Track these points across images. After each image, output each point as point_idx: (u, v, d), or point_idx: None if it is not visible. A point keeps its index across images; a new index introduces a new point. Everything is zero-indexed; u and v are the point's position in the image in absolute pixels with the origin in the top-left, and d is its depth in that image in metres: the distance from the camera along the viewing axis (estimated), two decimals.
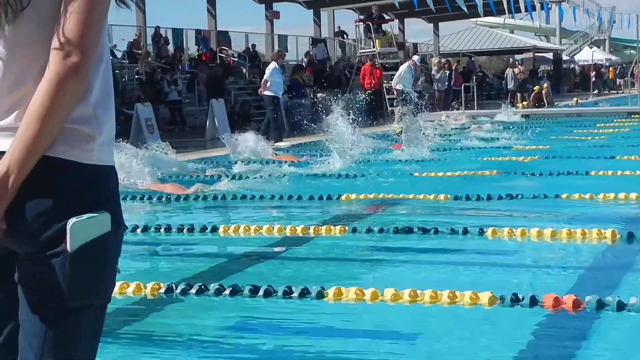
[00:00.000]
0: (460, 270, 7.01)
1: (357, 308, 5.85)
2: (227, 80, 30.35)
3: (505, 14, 50.78)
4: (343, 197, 11.11)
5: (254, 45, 37.33)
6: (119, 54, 30.06)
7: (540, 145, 18.14)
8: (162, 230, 9.04)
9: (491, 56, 66.92)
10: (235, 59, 34.97)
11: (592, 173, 12.70)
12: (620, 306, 5.47)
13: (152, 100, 23.70)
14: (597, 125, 23.85)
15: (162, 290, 6.31)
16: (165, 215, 10.52)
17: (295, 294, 6.06)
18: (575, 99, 38.95)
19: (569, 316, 5.49)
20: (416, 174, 13.55)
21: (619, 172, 12.65)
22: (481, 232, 8.23)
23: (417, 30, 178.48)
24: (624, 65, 61.59)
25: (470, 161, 15.33)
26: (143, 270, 7.43)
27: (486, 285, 6.10)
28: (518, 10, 49.43)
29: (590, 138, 19.93)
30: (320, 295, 6.02)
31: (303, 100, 27.34)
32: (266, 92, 20.69)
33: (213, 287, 6.24)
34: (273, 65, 21.16)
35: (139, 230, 9.07)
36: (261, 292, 6.10)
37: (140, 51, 30.34)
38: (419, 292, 5.92)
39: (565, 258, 7.42)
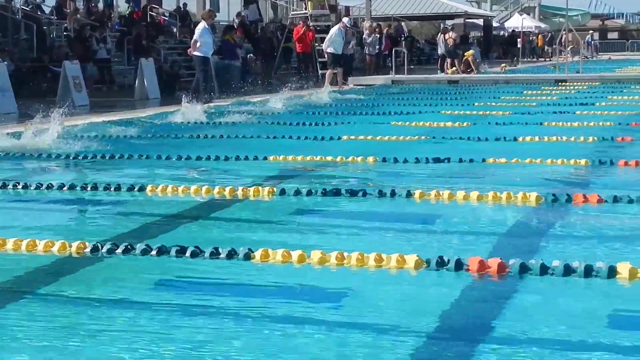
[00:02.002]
0: (388, 233, 7.04)
1: (284, 270, 5.86)
2: (157, 39, 30.02)
3: None
4: (271, 159, 11.12)
5: (185, 5, 36.93)
6: (47, 10, 29.52)
7: (468, 110, 18.29)
8: (88, 188, 8.94)
9: (423, 21, 67.09)
10: (166, 18, 34.58)
11: (520, 139, 12.85)
12: (544, 269, 5.56)
13: (80, 58, 23.34)
14: (525, 92, 24.09)
15: (88, 250, 6.25)
16: (92, 173, 10.41)
17: (223, 255, 6.05)
18: (503, 65, 39.28)
19: (494, 279, 5.55)
20: (345, 137, 13.56)
21: (546, 138, 12.82)
22: (409, 195, 8.28)
23: None
24: (553, 33, 62.22)
25: (399, 126, 15.38)
26: (69, 229, 7.36)
27: (413, 249, 6.15)
28: None
29: (518, 104, 20.14)
30: (248, 256, 6.02)
31: (234, 61, 27.15)
32: (196, 53, 20.50)
33: (139, 247, 6.20)
34: (203, 25, 20.96)
35: (65, 189, 8.97)
36: (188, 253, 6.08)
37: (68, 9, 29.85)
38: (345, 254, 5.94)
39: (491, 221, 7.48)
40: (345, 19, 29.12)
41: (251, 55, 30.45)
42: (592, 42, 63.64)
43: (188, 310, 4.96)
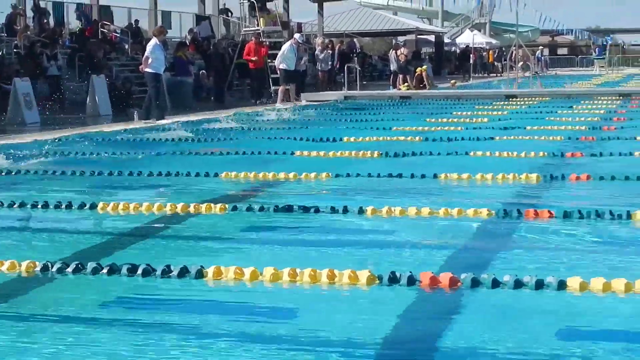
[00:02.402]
0: (340, 250, 7.04)
1: (237, 287, 5.84)
2: (108, 56, 29.86)
3: None
4: (223, 175, 11.09)
5: (137, 21, 36.79)
6: None
7: (421, 126, 18.37)
8: (39, 206, 8.86)
9: (375, 37, 67.41)
10: (118, 35, 34.41)
11: (471, 154, 12.94)
12: (495, 284, 5.60)
13: (30, 75, 23.14)
14: (476, 107, 24.26)
15: (38, 269, 6.19)
16: (42, 191, 10.31)
17: (174, 273, 6.02)
18: (452, 81, 39.53)
19: (445, 294, 5.58)
20: (298, 153, 13.56)
21: (497, 153, 12.92)
22: (361, 211, 8.31)
23: (301, 9, 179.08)
24: (504, 48, 62.81)
25: (351, 142, 15.41)
26: (18, 248, 7.27)
27: (365, 264, 6.17)
28: None
29: (469, 120, 20.27)
30: (200, 274, 5.99)
31: (186, 78, 27.09)
32: (147, 69, 20.39)
33: (90, 265, 6.15)
34: (154, 41, 20.86)
35: (15, 206, 8.88)
36: (139, 271, 6.05)
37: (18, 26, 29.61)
38: (298, 271, 5.94)
39: (443, 237, 7.52)
40: (297, 35, 29.16)
41: (203, 71, 30.37)
42: (542, 57, 64.23)
43: (139, 329, 4.92)
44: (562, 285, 5.55)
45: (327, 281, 5.83)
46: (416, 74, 34.87)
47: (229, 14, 43.57)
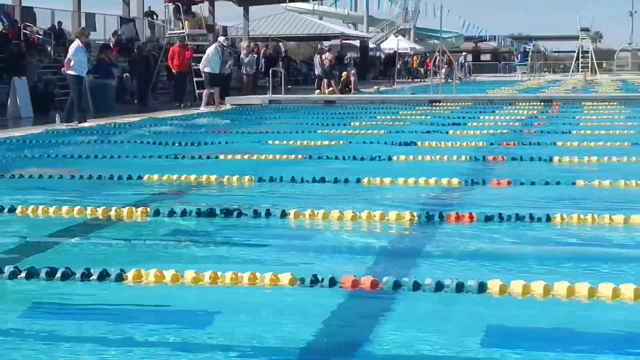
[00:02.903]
0: (262, 252, 7.03)
1: (158, 290, 5.79)
2: (31, 58, 29.42)
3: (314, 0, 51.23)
4: (146, 178, 11.01)
5: (60, 23, 36.34)
6: None
7: (345, 130, 18.44)
8: None
9: (300, 42, 67.53)
10: (40, 36, 33.95)
11: (394, 158, 13.01)
12: (416, 286, 5.63)
13: None
14: (400, 112, 24.41)
15: None
16: None
17: (94, 277, 5.94)
18: (375, 87, 39.76)
19: (367, 296, 5.59)
20: (222, 156, 13.51)
21: (420, 158, 13.02)
22: (284, 215, 8.30)
23: (227, 13, 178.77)
24: (428, 54, 63.41)
25: (276, 145, 15.39)
26: None
27: (287, 267, 6.16)
28: None
29: (393, 124, 20.38)
30: (120, 277, 5.93)
31: (109, 80, 26.84)
32: (69, 72, 20.13)
33: (8, 269, 6.04)
34: (77, 43, 20.61)
35: None
36: (58, 275, 5.96)
37: None
38: (219, 273, 5.91)
39: (365, 240, 7.54)
40: (221, 38, 29.03)
41: (127, 74, 30.13)
42: (466, 63, 64.94)
43: (57, 334, 4.85)
44: (482, 287, 5.60)
45: (249, 283, 5.82)
46: (342, 78, 35.02)
47: (154, 17, 43.26)
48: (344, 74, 36.82)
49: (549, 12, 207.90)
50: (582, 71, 57.68)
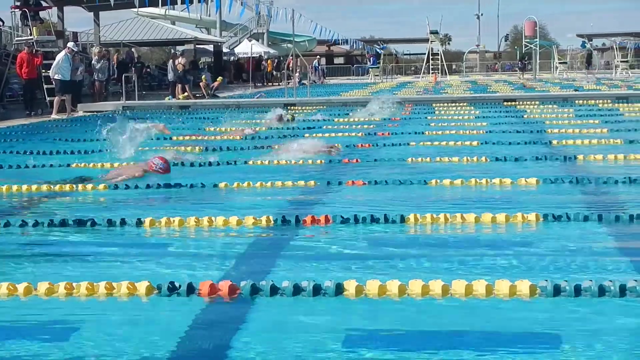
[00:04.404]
0: (118, 262, 6.91)
1: (10, 303, 5.65)
2: None
3: (165, 5, 50.72)
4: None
5: None
6: None
7: (201, 135, 18.35)
8: None
9: (153, 47, 66.84)
10: None
11: (250, 162, 13.02)
12: (274, 290, 5.64)
13: None
14: (256, 116, 24.41)
15: None
16: None
17: None
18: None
19: (225, 302, 5.57)
20: (75, 164, 13.24)
21: (275, 161, 13.05)
22: (139, 223, 8.20)
23: (77, 18, 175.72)
24: (282, 58, 63.62)
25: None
26: None
27: (144, 275, 6.09)
28: (175, 2, 49.96)
29: (249, 129, 20.35)
30: None
31: None
32: None
33: None
34: None
35: None
36: None
37: None
38: (74, 284, 5.80)
39: (223, 245, 7.52)
40: (70, 44, 28.45)
41: None
42: (319, 66, 65.42)
43: None
44: (339, 288, 5.64)
45: (105, 292, 5.73)
46: (202, 82, 34.93)
47: (1, 23, 42.18)
48: (204, 78, 36.84)
49: (400, 15, 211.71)
50: (432, 73, 58.79)
